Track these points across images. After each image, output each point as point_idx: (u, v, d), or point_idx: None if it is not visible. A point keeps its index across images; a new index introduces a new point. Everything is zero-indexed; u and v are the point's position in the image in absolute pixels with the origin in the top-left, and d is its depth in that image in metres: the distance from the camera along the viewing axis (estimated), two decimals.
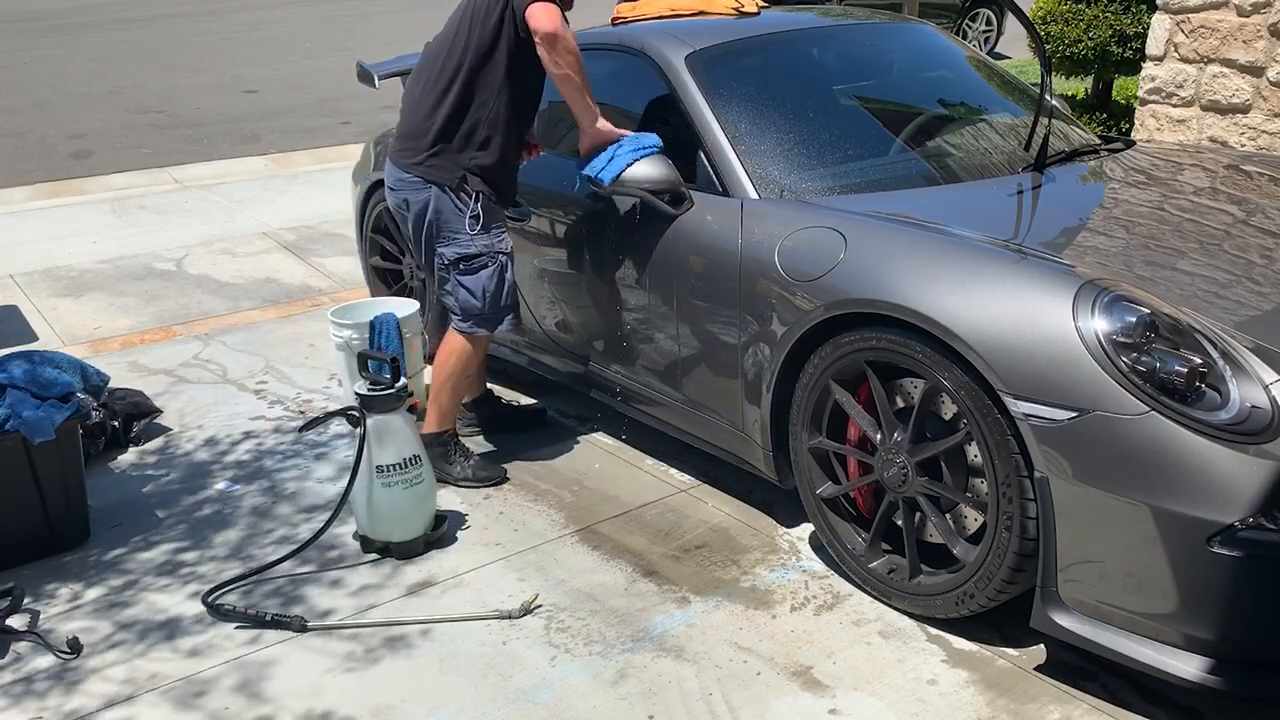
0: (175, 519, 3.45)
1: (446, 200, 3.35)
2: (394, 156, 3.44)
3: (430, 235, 3.41)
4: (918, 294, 2.55)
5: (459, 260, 3.38)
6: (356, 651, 2.76)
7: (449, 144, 3.33)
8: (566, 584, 3.00)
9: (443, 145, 3.33)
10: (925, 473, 2.71)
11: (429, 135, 3.33)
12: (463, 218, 3.35)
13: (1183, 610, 2.25)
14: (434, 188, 3.35)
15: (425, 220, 3.39)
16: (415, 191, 3.38)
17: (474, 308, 3.43)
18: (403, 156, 3.40)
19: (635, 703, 2.53)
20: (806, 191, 3.16)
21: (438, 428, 3.57)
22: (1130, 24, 6.81)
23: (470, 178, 3.34)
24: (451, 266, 3.40)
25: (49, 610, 2.99)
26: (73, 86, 11.76)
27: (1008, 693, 2.52)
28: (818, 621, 2.80)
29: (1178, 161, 3.53)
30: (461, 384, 3.57)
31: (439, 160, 3.34)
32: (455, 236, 3.37)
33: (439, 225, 3.38)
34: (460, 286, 3.42)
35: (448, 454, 3.57)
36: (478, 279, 3.40)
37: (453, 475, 3.56)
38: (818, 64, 3.79)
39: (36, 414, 3.14)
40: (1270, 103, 5.12)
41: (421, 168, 3.35)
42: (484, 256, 3.39)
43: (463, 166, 3.33)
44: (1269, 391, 2.27)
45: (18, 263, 6.16)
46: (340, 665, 2.71)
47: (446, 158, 3.33)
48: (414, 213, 3.40)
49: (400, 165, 3.40)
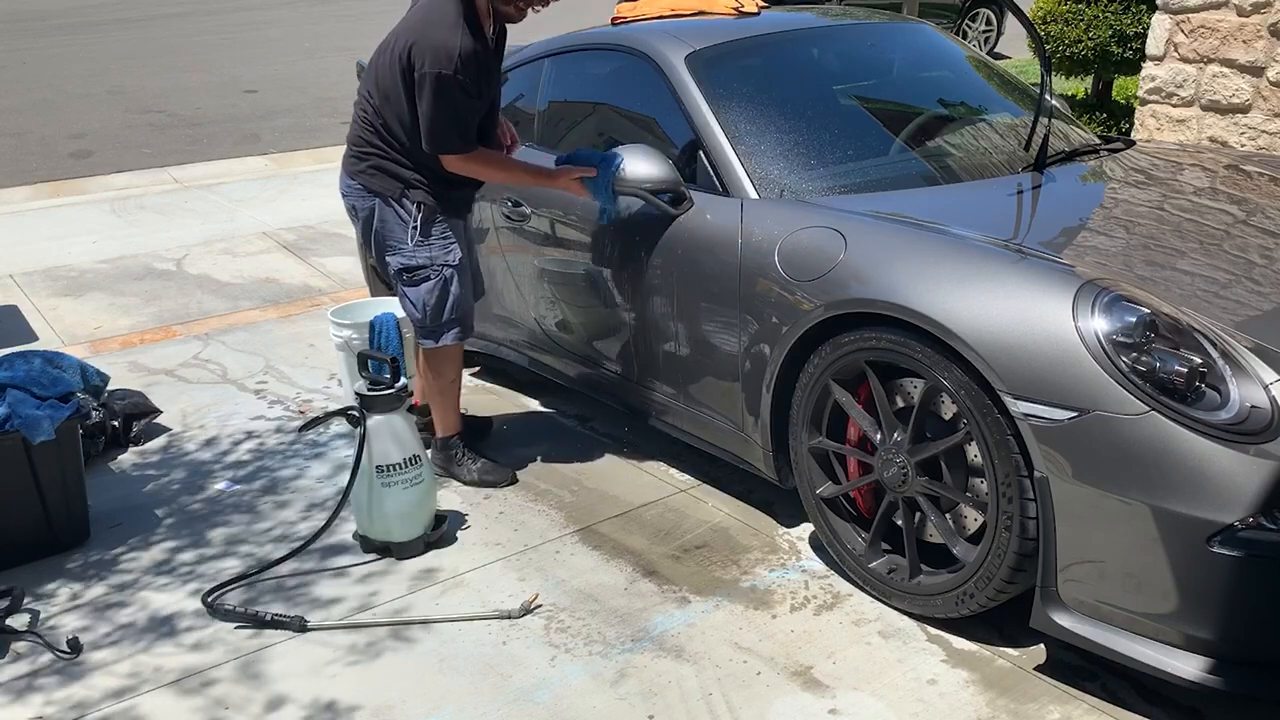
0: (175, 519, 3.45)
1: (390, 211, 3.32)
2: (344, 163, 3.41)
3: (379, 243, 3.39)
4: (918, 294, 2.55)
5: (402, 271, 3.36)
6: (356, 651, 2.76)
7: (390, 154, 3.29)
8: (566, 584, 3.00)
9: (384, 155, 3.29)
10: (925, 473, 2.70)
11: (371, 144, 3.30)
12: (405, 229, 3.31)
13: (1183, 610, 2.25)
14: (376, 198, 3.32)
15: (372, 229, 3.37)
16: (361, 200, 3.36)
17: (415, 319, 3.42)
18: (350, 164, 3.38)
19: (635, 703, 2.53)
20: (806, 191, 3.16)
21: (442, 433, 3.60)
22: (1130, 24, 6.81)
23: (411, 190, 3.29)
24: (396, 276, 3.39)
25: (49, 610, 2.99)
26: (73, 86, 11.76)
27: (1008, 693, 2.52)
28: (818, 621, 2.80)
29: (1178, 161, 3.53)
30: (448, 388, 3.53)
31: (381, 170, 3.30)
32: (399, 247, 3.34)
33: (384, 235, 3.35)
34: (404, 297, 3.41)
35: (456, 457, 3.59)
36: (418, 291, 3.36)
37: (461, 479, 3.57)
38: (818, 64, 3.79)
39: (36, 414, 3.14)
40: (1270, 103, 5.12)
41: (364, 176, 3.33)
42: (426, 269, 3.34)
43: (403, 179, 3.30)
44: (1269, 391, 2.27)
45: (18, 263, 6.16)
46: (340, 665, 2.71)
47: (389, 168, 3.30)
48: (362, 220, 3.39)
49: (348, 172, 3.39)
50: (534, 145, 3.98)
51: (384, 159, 3.30)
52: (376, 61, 3.29)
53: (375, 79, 3.27)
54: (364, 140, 3.32)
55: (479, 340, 4.30)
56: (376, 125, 3.28)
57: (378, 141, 3.29)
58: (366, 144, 3.31)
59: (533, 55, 4.19)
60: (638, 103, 3.70)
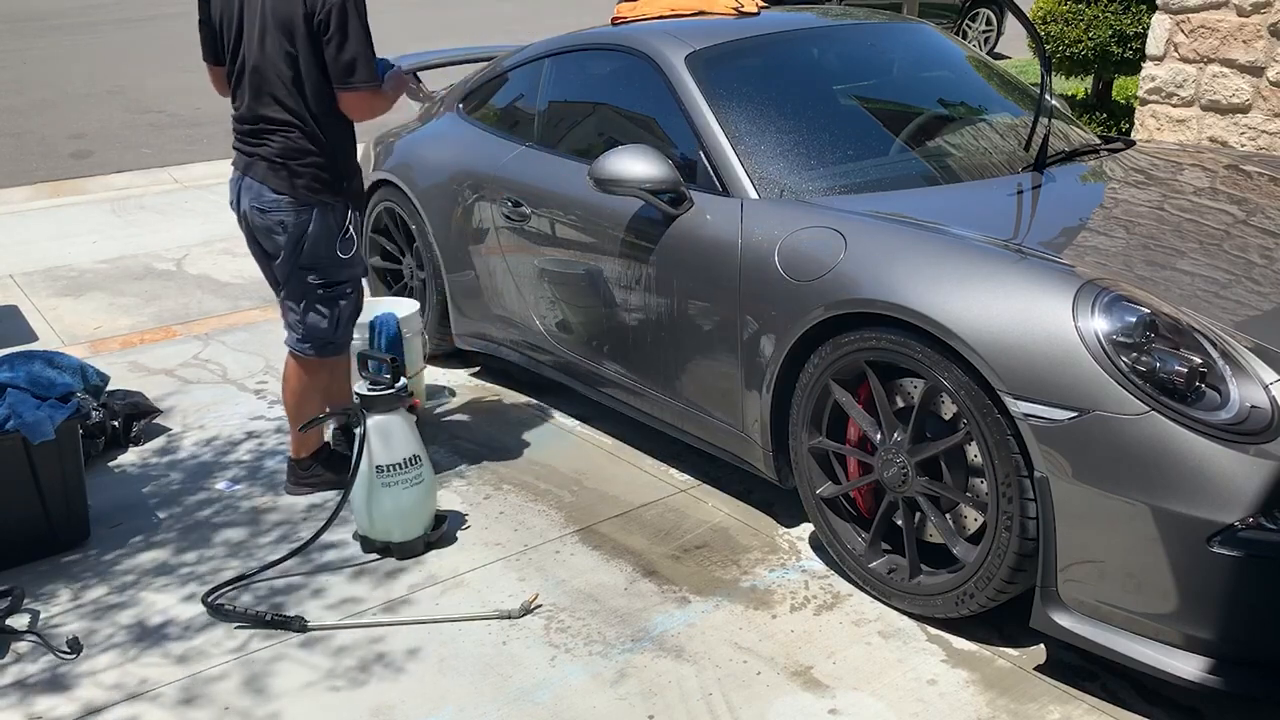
0: (175, 519, 3.45)
1: (324, 223, 3.21)
2: (267, 177, 3.18)
3: (301, 257, 3.23)
4: (918, 294, 2.55)
5: (321, 286, 3.27)
6: (356, 651, 2.76)
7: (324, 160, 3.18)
8: (566, 584, 3.00)
9: (319, 163, 3.18)
10: (925, 473, 2.71)
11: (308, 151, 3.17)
12: (335, 241, 3.24)
13: (1183, 610, 2.25)
14: (315, 210, 3.20)
15: (302, 243, 3.21)
16: (293, 215, 3.19)
17: (319, 331, 3.33)
18: (279, 178, 3.17)
19: (635, 703, 2.53)
20: (806, 191, 3.16)
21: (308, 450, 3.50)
22: (1130, 24, 6.81)
23: (340, 198, 3.24)
24: (310, 290, 3.28)
25: (49, 610, 2.99)
26: (73, 86, 11.76)
27: (1008, 693, 2.52)
28: (818, 621, 2.80)
29: (1178, 161, 3.53)
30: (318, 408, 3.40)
31: (319, 181, 3.19)
32: (325, 262, 3.25)
33: (314, 249, 3.23)
34: (313, 310, 3.30)
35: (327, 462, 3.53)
36: (336, 306, 3.32)
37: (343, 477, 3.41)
38: (818, 64, 3.79)
39: (36, 414, 3.14)
40: (1270, 103, 5.12)
41: (303, 190, 3.18)
42: (347, 284, 3.32)
43: (335, 188, 3.22)
44: (1269, 391, 2.27)
45: (18, 263, 6.16)
46: (340, 665, 2.71)
47: (324, 178, 3.19)
48: (290, 235, 3.21)
49: (274, 188, 3.18)
50: (534, 145, 3.98)
51: (320, 168, 3.18)
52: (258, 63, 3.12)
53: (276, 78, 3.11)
54: (296, 151, 3.15)
55: (479, 340, 4.30)
56: (308, 128, 3.14)
57: (312, 147, 3.16)
58: (302, 153, 3.16)
59: (533, 55, 4.19)
60: (638, 103, 3.71)
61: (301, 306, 3.31)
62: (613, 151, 3.23)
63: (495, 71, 4.40)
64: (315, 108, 3.15)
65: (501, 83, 4.33)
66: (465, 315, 4.31)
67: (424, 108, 4.83)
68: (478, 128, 4.29)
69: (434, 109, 4.68)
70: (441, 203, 4.24)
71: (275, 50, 3.10)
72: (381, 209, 4.61)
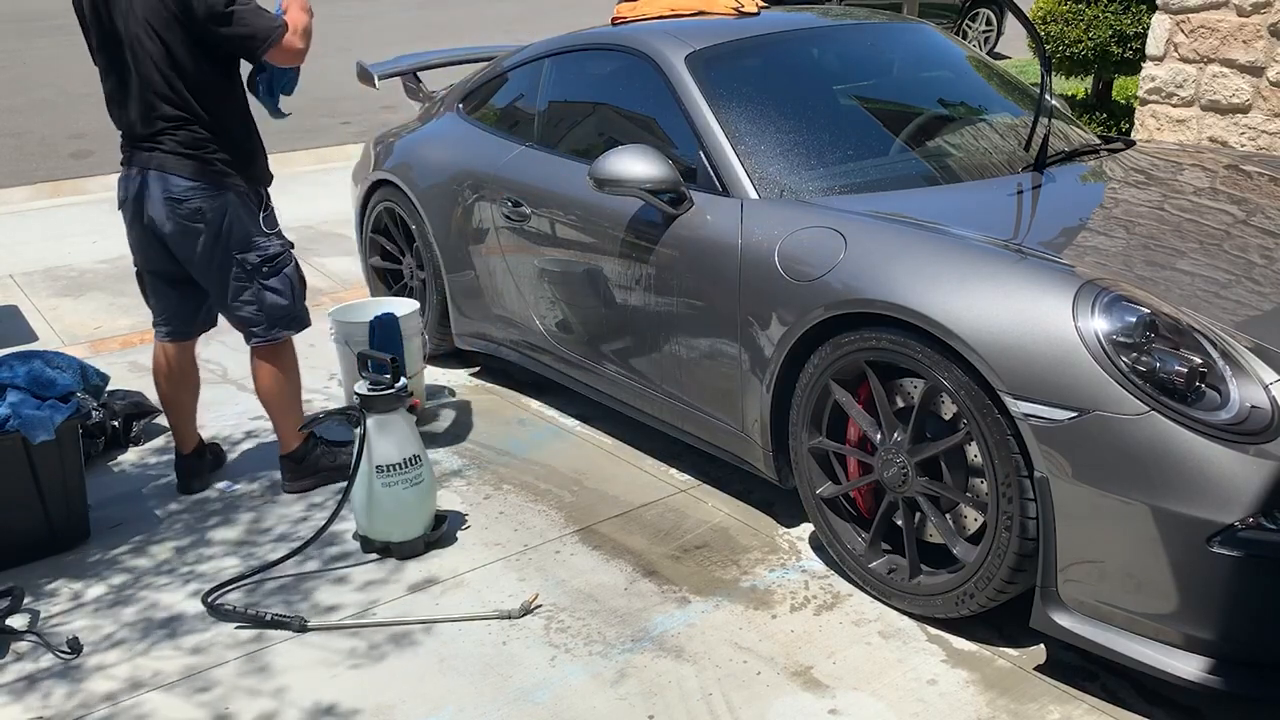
0: (175, 519, 3.45)
1: (241, 204, 3.26)
2: (177, 166, 3.20)
3: (230, 241, 3.26)
4: (917, 294, 2.55)
5: (263, 263, 3.32)
6: (356, 651, 2.76)
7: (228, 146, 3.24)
8: (566, 584, 3.00)
9: (225, 148, 3.23)
10: (925, 473, 2.71)
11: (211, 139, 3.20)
12: (256, 218, 3.30)
13: (1183, 610, 2.25)
14: (229, 193, 3.24)
15: (223, 228, 3.24)
16: (209, 200, 3.21)
17: (281, 308, 3.38)
18: (190, 166, 3.20)
19: (635, 703, 2.53)
20: (806, 191, 3.16)
21: (297, 442, 3.56)
22: (1130, 24, 6.81)
23: (250, 178, 3.30)
24: (254, 272, 3.31)
25: (49, 610, 2.99)
26: (73, 86, 11.76)
27: (1008, 693, 2.52)
28: (818, 621, 2.80)
29: (1178, 161, 3.53)
30: (297, 393, 3.52)
31: (227, 165, 3.23)
32: (255, 240, 3.30)
33: (239, 231, 3.26)
34: (265, 290, 3.34)
35: (320, 454, 3.60)
36: (283, 278, 3.37)
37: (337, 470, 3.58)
38: (818, 64, 3.80)
39: (37, 414, 3.14)
40: (1270, 103, 5.12)
41: (213, 175, 3.22)
42: (283, 254, 3.36)
43: (242, 170, 3.27)
44: (1269, 391, 2.27)
45: (18, 263, 6.16)
46: (340, 665, 2.71)
47: (231, 161, 3.24)
48: (210, 221, 3.22)
49: (188, 175, 3.20)
50: (534, 145, 3.98)
51: (226, 153, 3.23)
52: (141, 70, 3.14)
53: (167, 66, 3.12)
54: (200, 141, 3.18)
55: (479, 340, 4.31)
56: (203, 119, 3.17)
57: (214, 134, 3.20)
58: (206, 142, 3.19)
59: (533, 55, 4.19)
60: (638, 103, 3.71)
61: (252, 294, 3.34)
62: (613, 151, 3.23)
63: (495, 71, 4.40)
64: (203, 99, 3.17)
65: (501, 83, 4.33)
66: (465, 315, 4.31)
67: (424, 108, 4.83)
68: (478, 128, 4.29)
69: (434, 109, 4.68)
70: (441, 203, 4.24)
71: (154, 53, 3.11)
72: (381, 209, 4.62)
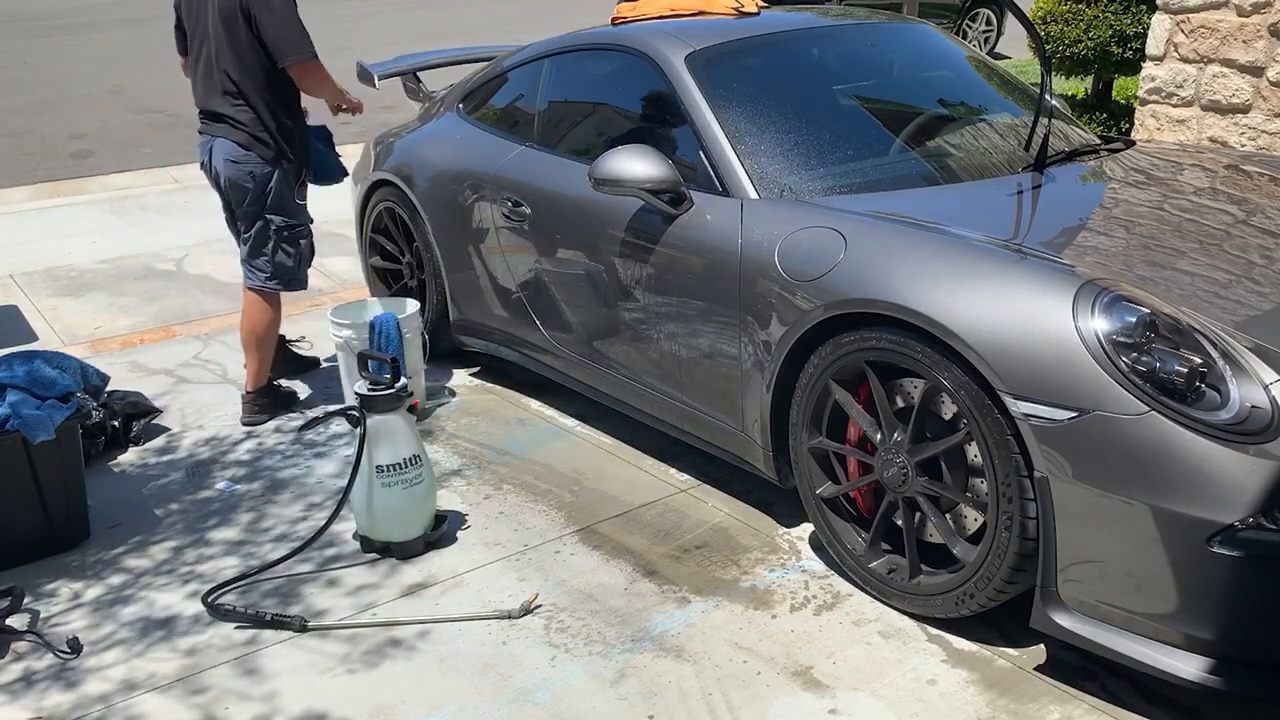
0: (175, 519, 3.45)
1: (283, 176, 3.93)
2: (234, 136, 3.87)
3: (264, 205, 3.91)
4: (917, 294, 2.55)
5: (284, 228, 3.96)
6: (356, 651, 2.76)
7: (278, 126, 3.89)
8: (566, 584, 3.00)
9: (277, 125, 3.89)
10: (925, 473, 2.71)
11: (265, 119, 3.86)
12: (291, 190, 3.98)
13: (1183, 610, 2.25)
14: (276, 166, 3.90)
15: (266, 192, 3.90)
16: (259, 167, 3.88)
17: (287, 269, 4.00)
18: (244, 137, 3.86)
19: (635, 703, 2.53)
20: (806, 191, 3.16)
21: (263, 382, 4.09)
22: (1130, 24, 6.81)
23: (292, 156, 3.96)
24: (276, 233, 3.94)
25: (49, 610, 2.99)
26: (73, 86, 11.76)
27: (1008, 693, 2.52)
28: (818, 621, 2.80)
29: (1178, 161, 3.53)
30: (273, 341, 4.10)
31: (275, 139, 3.88)
32: (285, 207, 3.95)
33: (276, 198, 3.92)
34: (280, 249, 3.97)
35: (279, 396, 4.14)
36: (297, 246, 4.01)
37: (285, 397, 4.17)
38: (818, 64, 3.79)
39: (37, 414, 3.14)
40: (1270, 103, 5.12)
41: (261, 146, 3.87)
42: (303, 226, 4.03)
43: (282, 149, 3.91)
44: (1269, 391, 2.27)
45: (18, 263, 6.16)
46: (340, 665, 2.71)
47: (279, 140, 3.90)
48: (256, 185, 3.89)
49: (241, 144, 3.87)
50: (534, 145, 3.98)
51: (272, 133, 3.87)
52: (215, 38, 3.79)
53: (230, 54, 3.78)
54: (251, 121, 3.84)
55: (479, 340, 4.31)
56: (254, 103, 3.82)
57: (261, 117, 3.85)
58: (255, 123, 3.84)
59: (533, 55, 4.19)
60: (638, 103, 3.71)
61: (270, 248, 3.97)
62: (613, 151, 3.23)
63: (495, 71, 4.40)
64: (255, 85, 3.83)
65: (501, 83, 4.33)
66: (465, 315, 4.31)
67: (424, 108, 4.83)
68: (478, 128, 4.29)
69: (434, 109, 4.68)
70: (441, 203, 4.24)
71: (220, 42, 3.79)
72: (381, 209, 4.61)
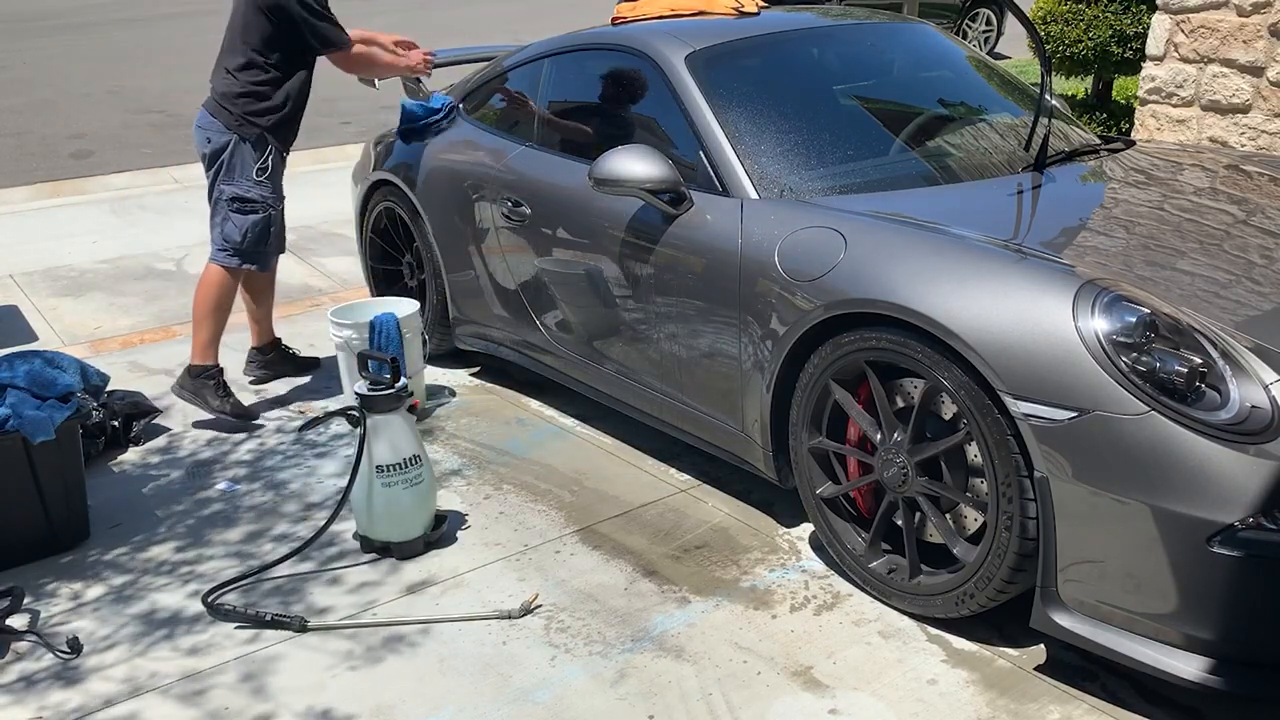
0: (175, 519, 3.45)
1: (245, 149, 3.93)
2: (209, 105, 3.97)
3: (220, 170, 3.95)
4: (917, 294, 2.55)
5: (235, 199, 3.95)
6: (356, 651, 2.76)
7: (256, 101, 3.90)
8: (566, 584, 3.00)
9: (252, 101, 3.90)
10: (925, 473, 2.71)
11: (241, 92, 3.89)
12: (253, 166, 3.95)
13: (1183, 610, 2.25)
14: (234, 135, 3.91)
15: (221, 158, 3.94)
16: (218, 134, 3.93)
17: (232, 241, 3.96)
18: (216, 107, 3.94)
19: (635, 703, 2.53)
20: (806, 191, 3.16)
21: (201, 360, 3.98)
22: (1130, 24, 6.81)
23: (269, 134, 3.94)
24: (227, 202, 3.95)
25: (49, 610, 2.99)
26: (73, 86, 11.76)
27: (1008, 693, 2.52)
28: (818, 621, 2.80)
29: (1178, 161, 3.53)
30: (222, 317, 4.01)
31: (247, 115, 3.90)
32: (240, 179, 3.94)
33: (231, 165, 3.94)
34: (227, 220, 3.96)
35: (212, 386, 3.98)
36: (244, 219, 3.96)
37: (211, 406, 3.97)
38: (818, 64, 3.80)
39: (37, 414, 3.14)
40: (1270, 103, 5.12)
41: (226, 115, 3.91)
42: (258, 204, 3.97)
43: (260, 125, 3.92)
44: (1269, 391, 2.27)
45: (18, 263, 6.16)
46: (340, 665, 2.71)
47: (252, 117, 3.90)
48: (211, 149, 3.95)
49: (210, 110, 3.96)
50: (534, 145, 3.98)
51: (255, 109, 3.90)
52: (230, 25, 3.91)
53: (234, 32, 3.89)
54: (234, 95, 3.89)
55: (479, 340, 4.31)
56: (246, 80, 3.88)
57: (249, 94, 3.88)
58: (239, 97, 3.89)
59: (533, 55, 4.19)
60: (638, 103, 3.71)
61: (220, 217, 3.98)
62: (613, 151, 3.23)
63: (495, 71, 4.40)
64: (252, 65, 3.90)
65: (501, 82, 4.33)
66: (465, 315, 4.31)
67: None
68: (478, 127, 4.29)
69: None
70: (441, 203, 4.24)
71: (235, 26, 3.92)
72: (381, 209, 4.62)
